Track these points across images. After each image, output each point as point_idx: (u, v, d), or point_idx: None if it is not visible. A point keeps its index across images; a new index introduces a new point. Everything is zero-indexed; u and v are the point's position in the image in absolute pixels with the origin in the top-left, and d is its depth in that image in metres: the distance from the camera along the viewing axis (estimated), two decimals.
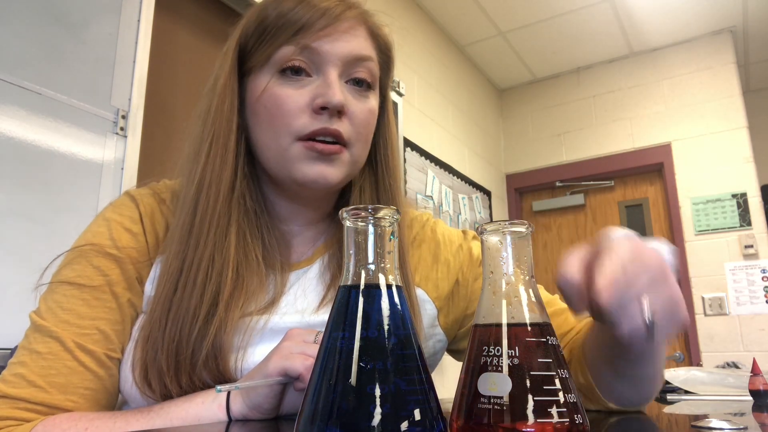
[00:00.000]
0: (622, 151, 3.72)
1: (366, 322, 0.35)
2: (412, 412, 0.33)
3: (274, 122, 0.65)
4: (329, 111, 0.64)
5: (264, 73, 0.67)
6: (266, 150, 0.68)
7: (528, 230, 0.40)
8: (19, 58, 1.33)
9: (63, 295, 0.62)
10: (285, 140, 0.65)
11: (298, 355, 0.52)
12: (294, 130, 0.65)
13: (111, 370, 0.62)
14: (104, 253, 0.64)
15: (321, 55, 0.65)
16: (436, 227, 0.83)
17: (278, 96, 0.65)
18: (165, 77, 1.80)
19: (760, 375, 0.82)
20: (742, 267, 3.21)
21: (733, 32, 3.50)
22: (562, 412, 0.36)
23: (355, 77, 0.68)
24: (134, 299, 0.65)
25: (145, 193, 0.71)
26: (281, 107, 0.65)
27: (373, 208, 0.37)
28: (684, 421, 0.59)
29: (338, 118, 0.65)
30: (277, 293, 0.68)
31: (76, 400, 0.59)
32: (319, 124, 0.64)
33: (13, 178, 1.29)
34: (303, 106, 0.65)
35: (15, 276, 1.23)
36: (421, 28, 3.25)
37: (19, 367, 0.58)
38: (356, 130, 0.68)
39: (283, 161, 0.66)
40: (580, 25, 3.44)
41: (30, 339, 0.60)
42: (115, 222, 0.67)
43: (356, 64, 0.68)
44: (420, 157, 3.01)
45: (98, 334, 0.61)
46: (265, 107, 0.66)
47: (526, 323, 0.38)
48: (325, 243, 0.76)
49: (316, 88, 0.66)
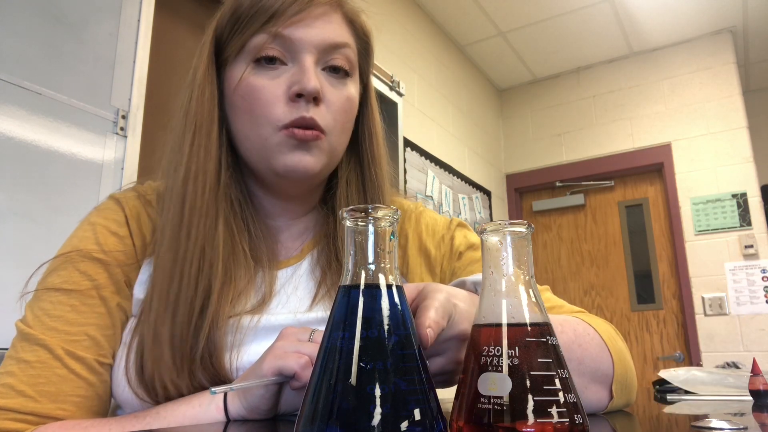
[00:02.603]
0: (622, 151, 3.72)
1: (366, 322, 0.35)
2: (412, 412, 0.33)
3: (252, 113, 0.65)
4: (305, 98, 0.64)
5: (239, 63, 0.66)
6: (246, 141, 0.67)
7: (528, 230, 0.40)
8: (19, 58, 1.33)
9: (50, 302, 0.60)
10: (265, 130, 0.65)
11: (292, 354, 0.51)
12: (273, 119, 0.64)
13: (102, 376, 0.61)
14: (90, 257, 0.63)
15: (294, 42, 0.65)
16: (421, 217, 0.81)
17: (254, 86, 0.65)
18: (165, 77, 1.80)
19: (760, 375, 0.82)
20: (742, 267, 3.21)
21: (733, 32, 3.50)
22: (562, 412, 0.36)
23: (331, 65, 0.67)
24: (123, 303, 0.64)
25: (130, 195, 0.70)
26: (258, 98, 0.64)
27: (373, 208, 0.37)
28: (684, 421, 0.59)
29: (314, 105, 0.65)
30: (268, 291, 0.67)
31: (68, 408, 0.57)
32: (296, 113, 0.64)
33: (13, 178, 1.29)
34: (279, 95, 0.64)
35: (15, 276, 1.23)
36: (421, 28, 3.25)
37: (7, 377, 0.57)
38: (333, 117, 0.67)
39: (264, 151, 0.66)
40: (580, 25, 3.44)
41: (17, 348, 0.58)
42: (100, 226, 0.66)
43: (332, 51, 0.67)
44: (420, 157, 3.01)
45: (88, 340, 0.60)
46: (242, 98, 0.65)
47: (526, 323, 0.38)
48: (314, 238, 0.75)
49: (291, 75, 0.65)
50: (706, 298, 3.27)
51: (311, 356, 0.51)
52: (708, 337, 3.24)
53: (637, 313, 3.58)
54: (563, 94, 4.00)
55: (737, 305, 3.19)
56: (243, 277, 0.66)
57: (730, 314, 3.20)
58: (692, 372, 1.12)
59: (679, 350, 3.41)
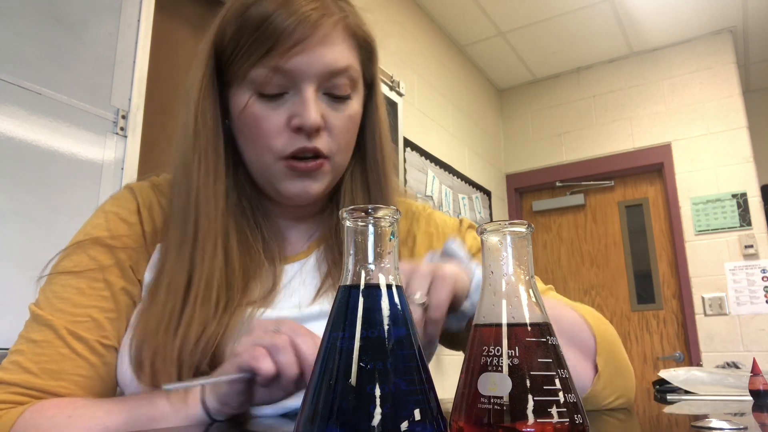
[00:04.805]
0: (622, 151, 3.72)
1: (366, 322, 0.35)
2: (412, 412, 0.34)
3: (255, 142, 0.67)
4: (305, 131, 0.65)
5: (243, 90, 0.66)
6: (251, 164, 0.70)
7: (528, 230, 0.40)
8: (19, 58, 1.33)
9: (60, 285, 0.63)
10: (267, 158, 0.67)
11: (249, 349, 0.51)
12: (275, 150, 0.66)
13: (104, 358, 0.62)
14: (100, 243, 0.66)
15: (295, 74, 0.64)
16: (430, 219, 0.82)
17: (256, 117, 0.66)
18: (165, 77, 1.80)
19: (760, 375, 0.82)
20: (742, 267, 3.21)
21: (733, 32, 3.50)
22: (562, 412, 0.36)
23: (332, 93, 0.67)
24: (129, 287, 0.66)
25: (144, 185, 0.73)
26: (260, 128, 0.66)
27: (373, 208, 0.37)
28: (684, 421, 0.59)
29: (317, 136, 0.66)
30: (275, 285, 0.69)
31: (68, 386, 0.59)
32: (298, 143, 0.65)
33: (13, 178, 1.29)
34: (281, 126, 0.65)
35: (15, 276, 1.23)
36: (421, 28, 3.25)
37: (17, 355, 0.60)
38: (336, 141, 0.68)
39: (268, 176, 0.68)
40: (580, 25, 3.44)
41: (28, 329, 0.62)
42: (112, 213, 0.69)
43: (333, 77, 0.66)
44: (420, 157, 3.01)
45: (91, 322, 0.62)
46: (245, 125, 0.67)
47: (526, 323, 0.38)
48: (322, 235, 0.77)
49: (292, 106, 0.65)
50: (706, 298, 3.27)
51: (270, 347, 0.50)
52: (708, 337, 3.24)
53: (637, 313, 3.58)
54: (563, 94, 4.00)
55: (737, 305, 3.19)
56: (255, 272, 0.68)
57: (730, 314, 3.20)
58: (692, 372, 1.12)
59: (679, 350, 3.41)
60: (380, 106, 0.77)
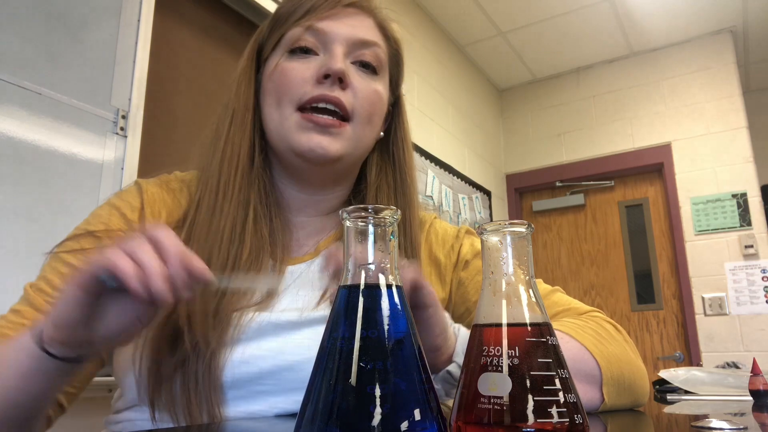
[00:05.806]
0: (622, 151, 3.72)
1: (366, 322, 0.35)
2: (412, 412, 0.34)
3: (279, 93, 0.69)
4: (331, 78, 0.67)
5: (275, 55, 0.71)
6: (269, 122, 0.70)
7: (528, 230, 0.40)
8: (19, 58, 1.33)
9: (49, 267, 0.65)
10: (286, 110, 0.68)
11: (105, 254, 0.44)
12: (295, 98, 0.68)
13: None
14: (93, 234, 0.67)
15: (326, 34, 0.69)
16: (431, 228, 0.82)
17: (286, 69, 0.69)
18: (165, 77, 1.80)
19: (760, 375, 0.82)
20: (742, 267, 3.21)
21: (733, 32, 3.50)
22: (562, 412, 0.36)
23: (361, 60, 0.71)
24: None
25: (152, 182, 0.74)
26: (287, 78, 0.68)
27: (373, 208, 0.37)
28: (684, 421, 0.59)
29: (340, 88, 0.68)
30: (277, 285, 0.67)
31: None
32: (320, 90, 0.67)
33: (13, 178, 1.29)
34: (308, 77, 0.68)
35: (15, 276, 1.23)
36: (421, 28, 3.25)
37: None
38: (359, 104, 0.69)
39: (283, 131, 0.68)
40: (580, 25, 3.44)
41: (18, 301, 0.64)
42: (114, 207, 0.70)
43: (362, 47, 0.71)
44: (420, 157, 3.01)
45: None
46: (273, 82, 0.70)
47: (526, 323, 0.38)
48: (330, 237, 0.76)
49: (321, 61, 0.69)
50: (706, 298, 3.27)
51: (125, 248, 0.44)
52: (708, 337, 3.24)
53: (637, 313, 3.58)
54: (563, 94, 4.00)
55: (737, 305, 3.19)
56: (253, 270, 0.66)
57: (730, 314, 3.20)
58: (692, 372, 1.12)
59: (679, 350, 3.41)
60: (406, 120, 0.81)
